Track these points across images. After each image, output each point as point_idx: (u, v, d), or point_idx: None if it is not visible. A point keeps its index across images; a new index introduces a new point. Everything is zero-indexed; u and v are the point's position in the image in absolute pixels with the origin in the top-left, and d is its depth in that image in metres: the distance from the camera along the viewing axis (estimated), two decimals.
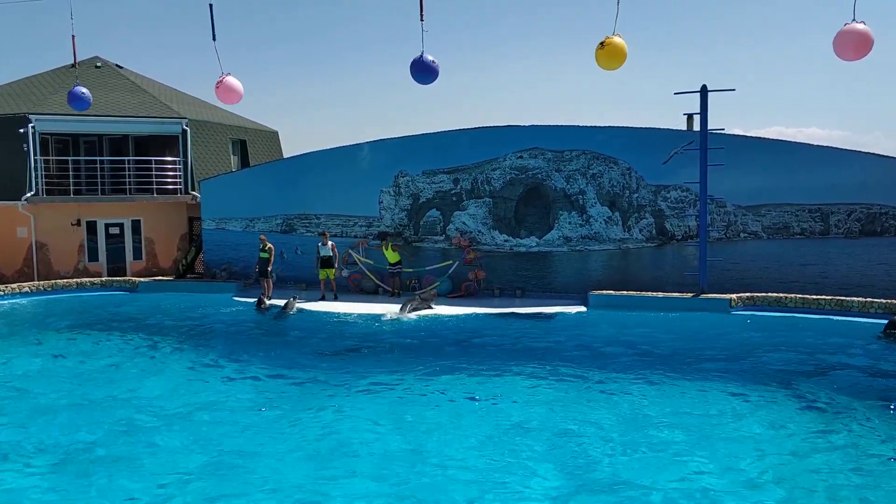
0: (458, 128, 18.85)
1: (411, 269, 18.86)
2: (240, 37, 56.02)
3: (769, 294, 15.98)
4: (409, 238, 19.30)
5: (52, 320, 16.52)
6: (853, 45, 8.65)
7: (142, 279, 20.62)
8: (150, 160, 22.22)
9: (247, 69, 58.04)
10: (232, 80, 12.55)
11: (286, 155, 27.46)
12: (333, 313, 16.55)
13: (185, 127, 22.65)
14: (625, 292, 17.02)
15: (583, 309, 16.38)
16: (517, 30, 59.17)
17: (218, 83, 12.48)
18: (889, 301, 14.76)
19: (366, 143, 19.63)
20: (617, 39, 10.84)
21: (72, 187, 21.80)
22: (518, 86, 64.09)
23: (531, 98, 62.07)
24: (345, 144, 19.77)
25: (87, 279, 20.64)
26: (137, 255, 22.58)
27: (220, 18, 12.54)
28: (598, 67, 11.07)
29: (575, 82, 62.38)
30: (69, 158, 22.06)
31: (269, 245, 18.22)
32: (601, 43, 10.90)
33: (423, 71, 11.65)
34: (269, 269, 18.05)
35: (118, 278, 20.91)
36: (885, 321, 13.52)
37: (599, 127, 17.85)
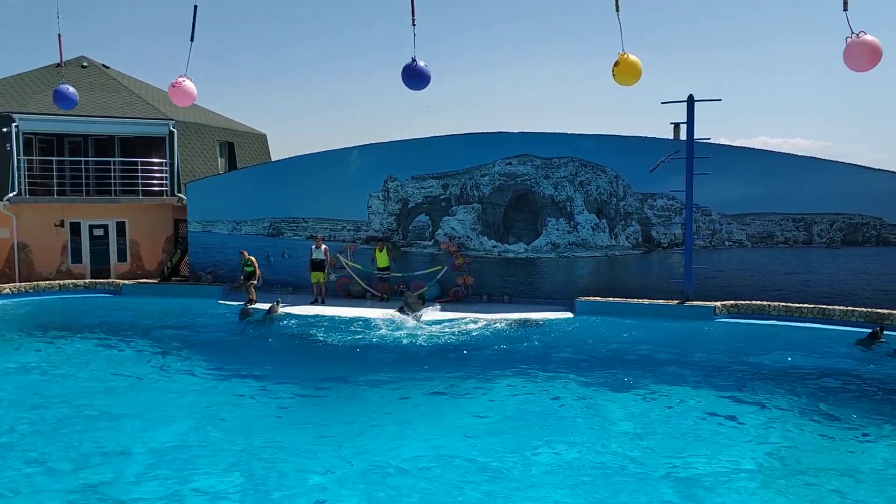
0: (447, 133, 18.96)
1: (400, 274, 18.88)
2: (230, 39, 55.80)
3: (753, 302, 16.19)
4: (398, 243, 19.32)
5: (31, 323, 16.33)
6: (865, 56, 8.83)
7: (126, 282, 20.43)
8: (136, 161, 22.07)
9: (236, 71, 57.83)
10: (189, 85, 12.37)
11: (274, 158, 27.37)
12: (321, 317, 16.48)
13: (171, 128, 22.51)
14: (611, 299, 17.15)
15: (569, 315, 16.49)
16: (506, 37, 59.51)
17: (175, 83, 12.28)
18: (870, 310, 15.01)
19: (355, 148, 19.65)
20: (631, 57, 10.80)
21: (55, 188, 21.58)
22: (506, 93, 64.38)
23: (519, 105, 62.36)
24: (334, 148, 19.80)
25: (70, 281, 20.42)
26: (122, 257, 22.37)
27: (212, 20, 12.47)
28: (615, 83, 10.97)
29: (563, 89, 62.81)
30: (53, 159, 21.86)
31: (251, 258, 18.11)
32: (615, 62, 10.86)
33: (415, 76, 11.65)
34: (255, 280, 17.99)
35: (102, 280, 20.70)
36: (867, 330, 13.75)
37: (587, 134, 18.03)
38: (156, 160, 22.40)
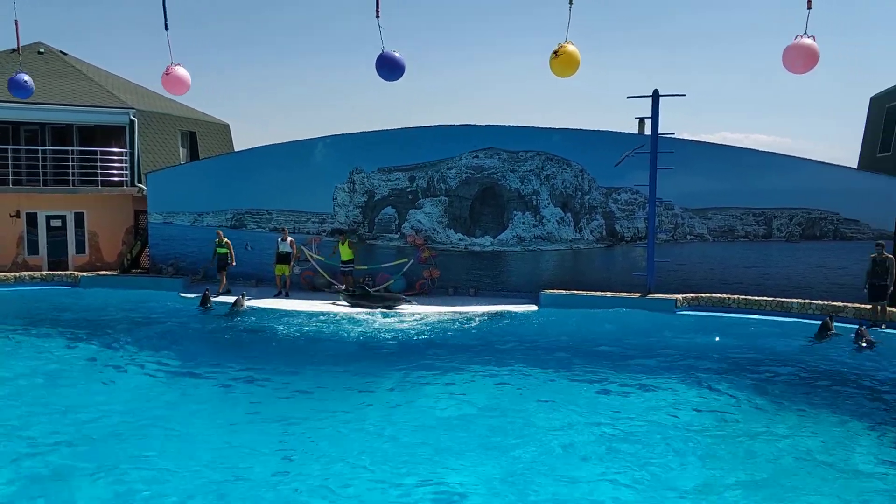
0: (414, 125, 18.86)
1: (365, 267, 18.78)
2: (193, 27, 54.71)
3: (713, 295, 16.44)
4: (364, 235, 19.20)
5: None
6: (801, 60, 9.03)
7: (84, 274, 19.98)
8: (95, 151, 21.56)
9: (200, 59, 56.81)
10: (181, 71, 12.25)
11: (237, 149, 27.01)
12: (286, 311, 16.32)
13: (132, 117, 22.03)
14: (575, 292, 17.29)
15: (534, 308, 16.58)
16: (473, 33, 59.51)
17: (167, 72, 12.19)
18: (827, 303, 15.35)
19: (320, 139, 19.45)
20: (570, 47, 11.03)
21: (11, 177, 20.98)
22: (473, 88, 64.43)
23: (486, 100, 62.47)
24: (299, 139, 19.59)
25: (27, 273, 19.88)
26: (80, 248, 21.87)
27: (175, 5, 12.24)
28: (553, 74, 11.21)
29: (530, 84, 63.03)
30: (9, 147, 21.24)
31: (226, 240, 18.16)
32: (554, 52, 11.08)
33: (389, 66, 11.53)
34: (233, 262, 18.26)
35: (59, 272, 20.22)
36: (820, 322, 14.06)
37: (554, 128, 18.09)
38: (115, 150, 21.90)
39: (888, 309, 14.25)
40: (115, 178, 21.85)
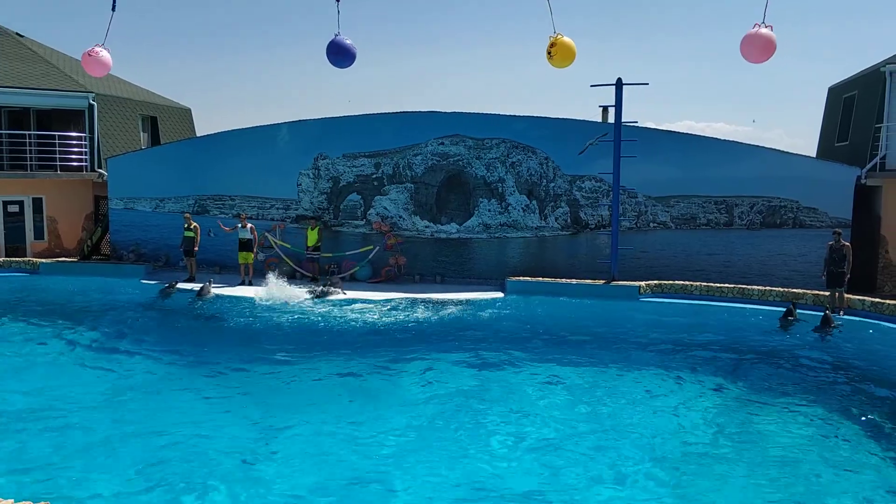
0: (379, 112, 18.70)
1: (331, 254, 18.65)
2: (152, 8, 53.69)
3: (676, 282, 16.64)
4: (329, 222, 19.06)
5: None
6: (758, 49, 9.10)
7: (43, 260, 19.56)
8: (54, 135, 21.05)
9: (161, 41, 55.74)
10: (105, 56, 11.98)
11: (199, 133, 26.58)
12: (248, 298, 16.16)
13: (91, 101, 21.53)
14: (540, 279, 17.37)
15: (500, 295, 16.63)
16: (439, 22, 59.20)
17: (90, 52, 11.90)
18: (786, 290, 15.63)
19: (284, 124, 19.22)
20: (563, 39, 10.91)
21: None
22: (439, 76, 64.14)
23: (452, 88, 62.23)
24: (263, 124, 19.32)
25: None
26: (39, 234, 21.37)
27: None
28: (551, 66, 11.13)
29: (495, 71, 62.94)
30: None
31: (195, 224, 17.89)
32: (548, 52, 10.97)
33: (340, 53, 11.38)
34: (196, 248, 17.95)
35: (17, 259, 19.76)
36: (783, 309, 14.31)
37: (519, 116, 18.08)
38: (74, 134, 21.40)
39: (845, 295, 14.55)
40: (75, 163, 21.36)
